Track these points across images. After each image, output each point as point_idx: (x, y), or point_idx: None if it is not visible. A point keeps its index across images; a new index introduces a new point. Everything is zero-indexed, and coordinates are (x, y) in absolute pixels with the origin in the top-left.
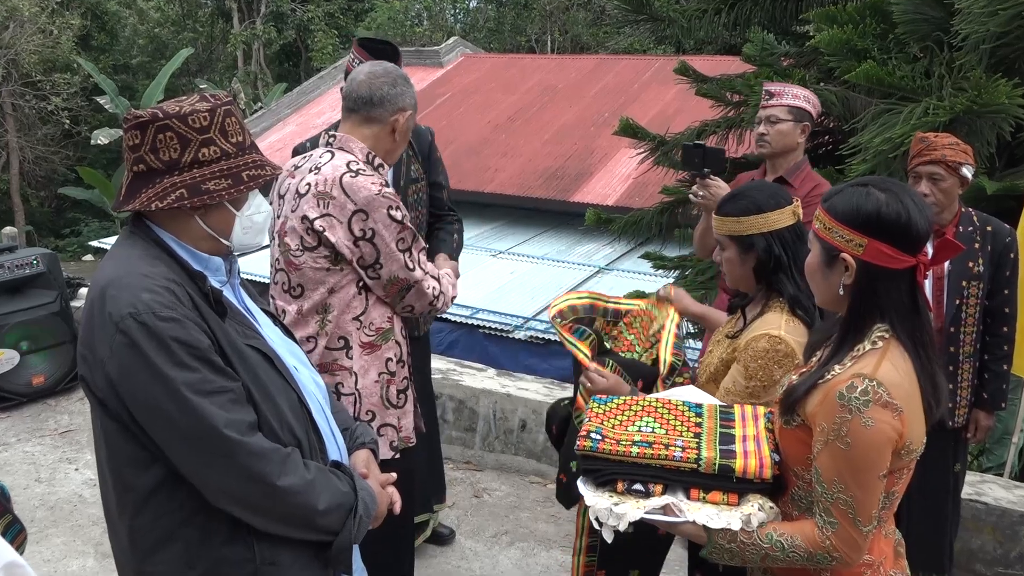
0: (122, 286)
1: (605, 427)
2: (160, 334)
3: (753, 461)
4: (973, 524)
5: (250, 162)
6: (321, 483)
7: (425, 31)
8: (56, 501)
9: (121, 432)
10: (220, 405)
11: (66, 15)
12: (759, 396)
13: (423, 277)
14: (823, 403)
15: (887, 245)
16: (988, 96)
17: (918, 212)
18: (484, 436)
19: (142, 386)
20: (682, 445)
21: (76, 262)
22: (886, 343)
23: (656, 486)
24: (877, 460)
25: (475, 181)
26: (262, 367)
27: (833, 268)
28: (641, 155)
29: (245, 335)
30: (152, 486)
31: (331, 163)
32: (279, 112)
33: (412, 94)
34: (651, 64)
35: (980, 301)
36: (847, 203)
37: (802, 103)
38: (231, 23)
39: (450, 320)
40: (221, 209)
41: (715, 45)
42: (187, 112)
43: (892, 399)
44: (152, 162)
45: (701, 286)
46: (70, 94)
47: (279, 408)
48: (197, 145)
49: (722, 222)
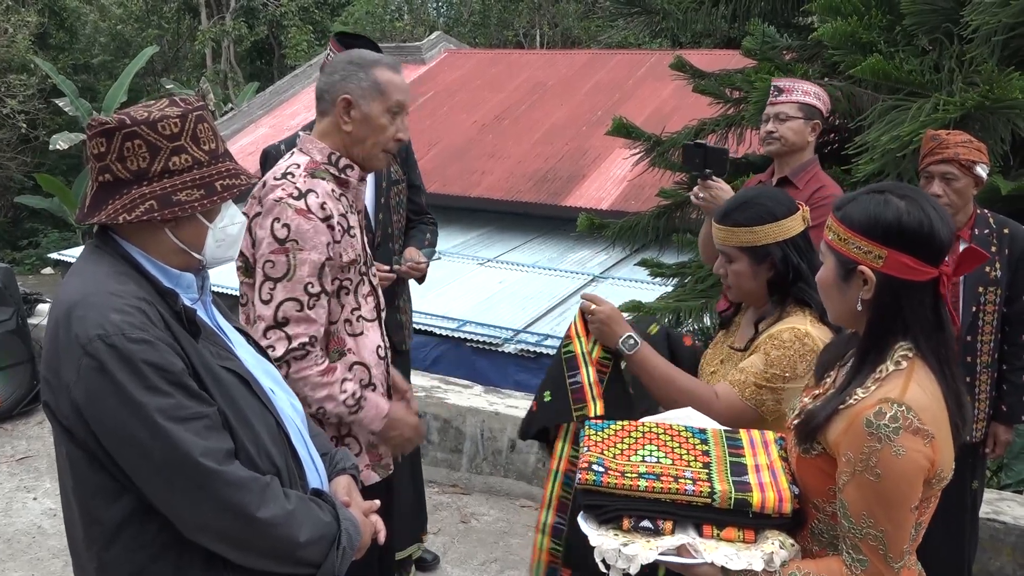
0: (89, 306)
1: (607, 457)
2: (131, 357)
3: (771, 494)
4: (991, 544)
5: (224, 171)
6: (302, 513)
7: (406, 26)
8: (13, 533)
9: (88, 461)
10: (195, 432)
11: (22, 12)
12: (775, 388)
13: (272, 325)
14: (848, 431)
15: (909, 256)
16: (1001, 91)
17: (940, 220)
18: (471, 458)
19: (111, 412)
20: (692, 477)
21: (35, 275)
22: (911, 363)
23: (666, 523)
24: (909, 492)
25: (461, 185)
26: (238, 390)
27: (850, 282)
28: (636, 156)
29: (220, 356)
30: (121, 518)
31: (281, 164)
32: (251, 113)
33: (364, 78)
34: (646, 59)
35: (998, 308)
36: (864, 212)
37: (812, 100)
38: (199, 19)
39: (434, 333)
40: (193, 221)
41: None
42: (157, 118)
43: (923, 425)
44: (119, 172)
45: (702, 294)
46: (27, 96)
47: (256, 434)
48: (167, 153)
49: (731, 232)
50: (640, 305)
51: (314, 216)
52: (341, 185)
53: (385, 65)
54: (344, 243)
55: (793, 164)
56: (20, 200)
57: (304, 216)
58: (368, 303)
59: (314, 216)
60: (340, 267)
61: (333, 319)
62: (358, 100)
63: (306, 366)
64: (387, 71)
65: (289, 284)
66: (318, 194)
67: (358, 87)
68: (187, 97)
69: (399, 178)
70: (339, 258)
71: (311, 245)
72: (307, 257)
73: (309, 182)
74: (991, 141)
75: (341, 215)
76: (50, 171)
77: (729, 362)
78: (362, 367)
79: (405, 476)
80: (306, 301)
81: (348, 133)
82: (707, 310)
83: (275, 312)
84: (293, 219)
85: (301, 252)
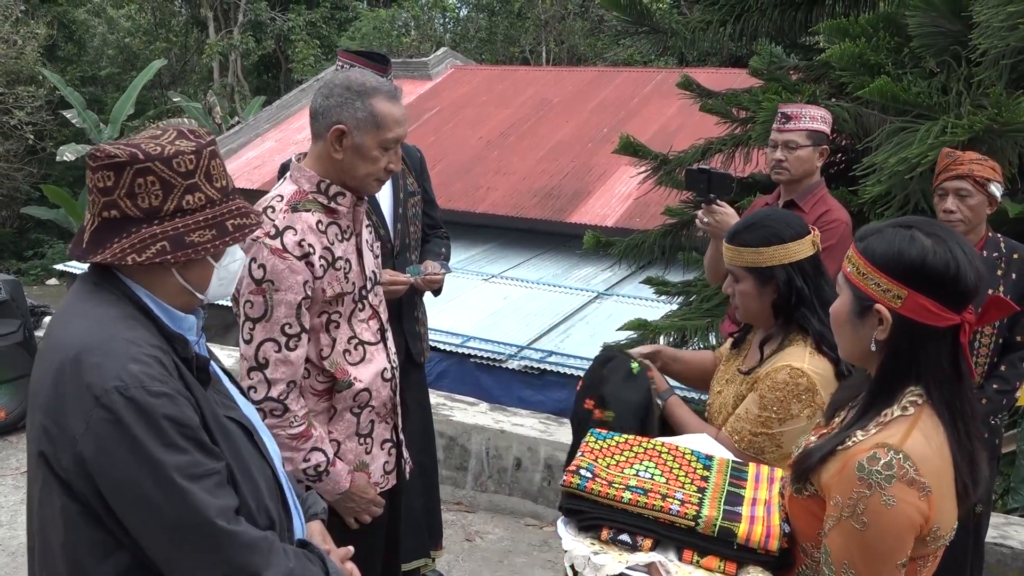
0: (105, 353)
1: (598, 465)
2: (151, 412)
3: (759, 528)
4: (998, 570)
5: (235, 210)
6: (300, 570)
7: (413, 41)
8: (18, 547)
9: (84, 515)
10: (209, 491)
11: (31, 24)
12: (771, 429)
13: (254, 366)
14: (840, 474)
15: (930, 299)
16: (1009, 114)
17: (968, 263)
18: (476, 475)
19: (124, 468)
20: (681, 498)
21: (40, 286)
22: (918, 410)
23: (645, 540)
24: (895, 546)
25: (466, 200)
26: (242, 442)
27: (865, 320)
28: (642, 174)
29: (225, 405)
30: (113, 575)
31: (267, 194)
32: (257, 127)
33: (361, 108)
34: (652, 77)
35: (997, 332)
36: (887, 247)
37: (819, 125)
38: (206, 32)
39: (438, 349)
40: (202, 262)
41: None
42: (171, 154)
43: (919, 476)
44: (128, 209)
45: (707, 313)
46: (34, 107)
47: (257, 486)
48: (181, 192)
49: (738, 253)
50: (645, 323)
51: (289, 255)
52: (330, 214)
53: (384, 94)
54: (327, 278)
55: (800, 188)
56: (26, 211)
57: (279, 256)
58: (371, 326)
59: (289, 255)
60: (325, 301)
61: (324, 355)
62: (352, 130)
63: (280, 425)
64: (385, 102)
65: (267, 324)
66: (296, 231)
67: (353, 117)
68: (195, 128)
69: (415, 190)
70: (321, 293)
71: (286, 285)
72: (283, 298)
73: (288, 217)
74: (999, 164)
75: (325, 248)
76: (56, 182)
77: (734, 383)
78: (365, 393)
79: (416, 488)
80: (284, 342)
81: (339, 162)
82: (712, 329)
83: (255, 353)
84: (268, 259)
85: (277, 292)
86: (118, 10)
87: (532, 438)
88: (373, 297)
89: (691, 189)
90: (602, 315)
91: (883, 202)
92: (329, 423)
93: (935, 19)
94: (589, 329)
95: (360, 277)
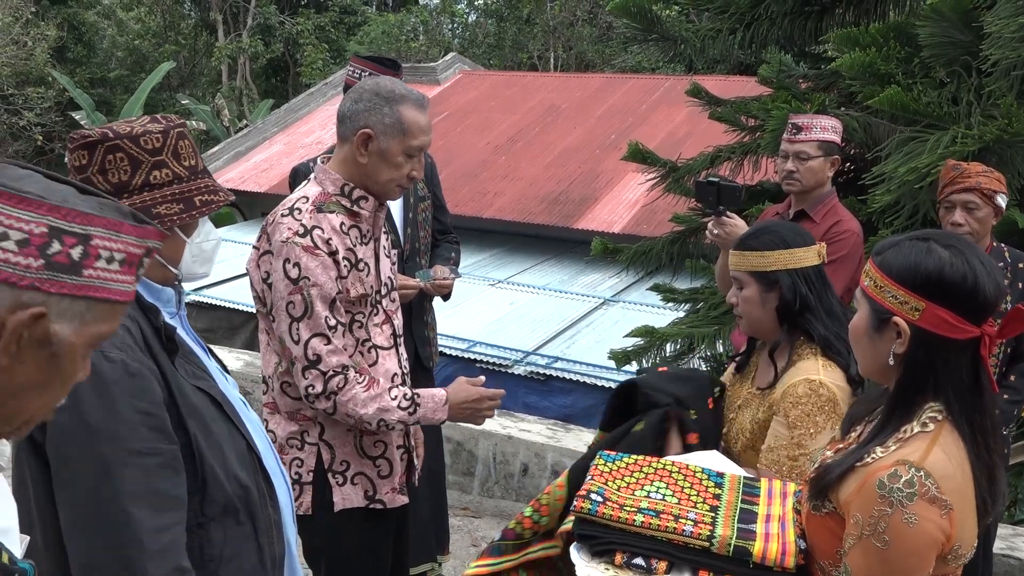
0: None
1: (609, 488)
2: (103, 377)
3: (775, 545)
4: None
5: (203, 187)
6: None
7: (421, 46)
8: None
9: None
10: (144, 470)
11: (41, 26)
12: (806, 446)
13: (307, 365)
14: (860, 491)
15: (948, 311)
16: (1019, 125)
17: (986, 275)
18: (483, 481)
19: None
20: (695, 519)
21: None
22: (938, 426)
23: (660, 562)
24: (917, 565)
25: (473, 206)
26: (210, 412)
27: (883, 333)
28: (650, 181)
29: (195, 375)
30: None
31: (292, 195)
32: (265, 130)
33: (389, 114)
34: (660, 84)
35: (1004, 342)
36: (904, 259)
37: (830, 135)
38: (216, 36)
39: (444, 353)
40: (174, 237)
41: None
42: (139, 132)
43: (941, 494)
44: (100, 184)
45: (715, 320)
46: (44, 109)
47: (225, 457)
48: (148, 167)
49: (743, 257)
50: (652, 330)
51: (320, 251)
52: (352, 217)
53: (412, 102)
54: (351, 278)
55: (811, 198)
56: None
57: (311, 253)
58: (384, 331)
59: (320, 251)
60: (349, 301)
61: (349, 353)
62: (378, 135)
63: (348, 388)
64: (413, 109)
65: (311, 321)
66: (323, 229)
67: (380, 122)
68: (169, 116)
69: (425, 195)
70: (347, 293)
71: (321, 281)
72: (320, 292)
73: (315, 217)
74: (1008, 175)
75: (348, 249)
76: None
77: (752, 405)
78: None
79: (423, 491)
80: (330, 334)
81: (363, 166)
82: (720, 337)
83: (305, 351)
84: (301, 256)
85: (313, 288)
86: (128, 12)
87: (539, 444)
88: (388, 302)
89: (700, 201)
90: (608, 321)
91: (892, 211)
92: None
93: (946, 29)
94: (595, 335)
95: (376, 281)
